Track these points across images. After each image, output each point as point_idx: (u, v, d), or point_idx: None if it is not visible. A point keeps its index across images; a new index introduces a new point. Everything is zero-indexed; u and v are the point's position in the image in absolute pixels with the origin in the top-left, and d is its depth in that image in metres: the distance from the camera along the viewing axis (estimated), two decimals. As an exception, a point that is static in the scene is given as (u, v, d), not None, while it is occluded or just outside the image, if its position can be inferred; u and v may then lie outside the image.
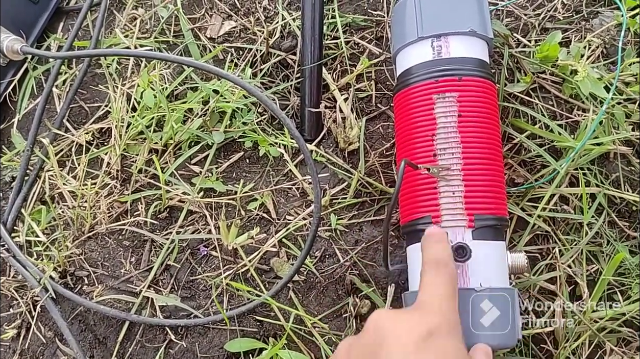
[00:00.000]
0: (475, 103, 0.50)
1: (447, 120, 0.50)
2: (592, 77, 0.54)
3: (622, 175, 0.60)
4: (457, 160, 0.49)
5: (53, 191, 0.67)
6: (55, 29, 0.75)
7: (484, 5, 0.54)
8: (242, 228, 0.62)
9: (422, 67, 0.52)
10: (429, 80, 0.51)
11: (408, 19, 0.54)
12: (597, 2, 0.66)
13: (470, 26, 0.51)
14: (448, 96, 0.50)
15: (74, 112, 0.70)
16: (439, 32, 0.52)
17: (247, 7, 0.70)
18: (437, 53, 0.52)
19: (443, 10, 0.53)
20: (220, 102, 0.64)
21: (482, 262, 0.47)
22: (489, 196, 0.49)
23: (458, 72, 0.50)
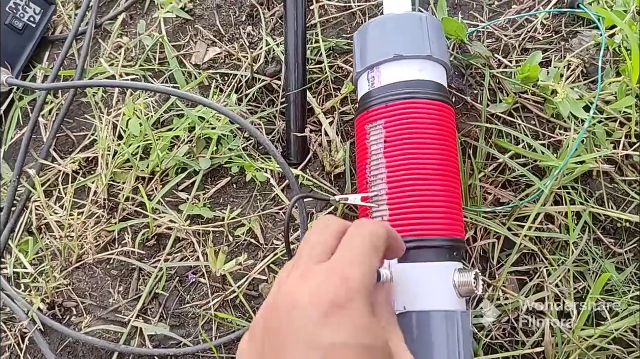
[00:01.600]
0: (401, 127, 0.50)
1: (377, 147, 0.50)
2: (571, 98, 0.55)
3: (605, 192, 0.61)
4: (384, 186, 0.49)
5: (40, 222, 0.67)
6: (41, 59, 0.75)
7: (417, 23, 0.53)
8: (230, 254, 0.62)
9: (363, 99, 0.54)
10: (363, 112, 0.52)
11: (355, 51, 0.56)
12: (575, 22, 0.67)
13: (395, 51, 0.51)
14: (378, 124, 0.51)
15: (60, 141, 0.70)
16: (371, 64, 0.53)
17: (231, 34, 0.71)
18: (372, 84, 0.53)
19: (377, 40, 0.54)
20: (206, 129, 0.64)
21: (408, 285, 0.46)
22: (415, 218, 0.48)
23: (385, 99, 0.51)
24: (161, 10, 0.72)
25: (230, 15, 0.72)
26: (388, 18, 0.55)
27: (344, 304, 0.33)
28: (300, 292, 0.34)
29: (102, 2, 0.77)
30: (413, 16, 0.54)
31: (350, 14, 0.70)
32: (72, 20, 0.77)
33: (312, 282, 0.34)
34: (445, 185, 0.50)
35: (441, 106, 0.51)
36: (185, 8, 0.72)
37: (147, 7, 0.75)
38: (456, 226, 0.50)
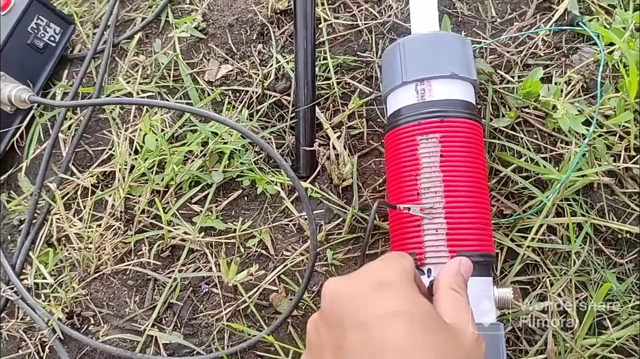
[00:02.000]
0: (457, 143, 0.52)
1: (430, 160, 0.52)
2: (570, 113, 0.56)
3: (606, 204, 0.62)
4: (439, 199, 0.51)
5: (60, 234, 0.69)
6: (61, 77, 0.78)
7: (467, 48, 0.57)
8: (242, 265, 0.64)
9: (408, 110, 0.55)
10: (413, 123, 0.54)
11: (395, 64, 0.57)
12: (576, 39, 0.69)
13: (451, 70, 0.54)
14: (431, 137, 0.53)
15: (79, 156, 0.73)
16: (422, 77, 0.55)
17: (243, 51, 0.74)
18: (421, 96, 0.54)
19: (426, 55, 0.56)
20: (218, 144, 0.66)
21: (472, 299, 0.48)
22: (471, 234, 0.50)
23: (440, 114, 0.53)
24: (176, 29, 0.75)
25: (242, 34, 0.75)
26: (440, 36, 0.58)
27: (387, 280, 0.36)
28: (345, 284, 0.37)
29: (119, 22, 0.80)
30: (462, 40, 0.57)
31: (357, 32, 0.73)
32: (90, 40, 0.80)
33: (354, 277, 0.38)
34: (487, 202, 0.53)
35: (479, 127, 0.55)
36: (198, 27, 0.75)
37: (162, 27, 0.78)
38: (492, 242, 0.53)
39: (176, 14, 0.78)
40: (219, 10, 0.76)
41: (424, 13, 0.61)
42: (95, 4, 0.83)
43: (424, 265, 0.50)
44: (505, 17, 0.71)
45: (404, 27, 0.71)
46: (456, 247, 0.50)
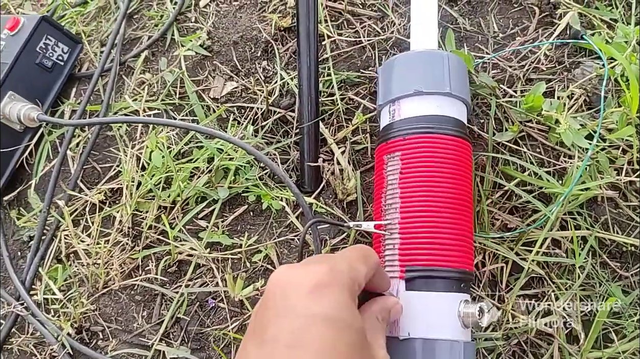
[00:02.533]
0: (416, 159, 0.53)
1: (393, 177, 0.53)
2: (573, 128, 0.57)
3: (610, 217, 0.63)
4: (397, 215, 0.52)
5: (68, 250, 0.70)
6: (69, 95, 0.80)
7: (438, 61, 0.56)
8: (248, 279, 0.65)
9: (383, 131, 0.58)
10: (382, 143, 0.56)
11: (379, 85, 0.60)
12: (578, 53, 0.69)
13: (415, 87, 0.55)
14: (395, 155, 0.54)
15: (87, 173, 0.74)
16: (393, 98, 0.56)
17: (247, 69, 0.75)
18: (392, 116, 0.56)
19: (398, 76, 0.57)
20: (224, 160, 0.67)
21: (415, 313, 0.48)
22: (425, 249, 0.50)
23: (403, 132, 0.54)
24: (182, 48, 0.76)
25: (246, 51, 0.76)
26: (412, 55, 0.59)
27: (328, 285, 0.38)
28: (292, 274, 0.39)
29: (126, 41, 0.81)
30: (435, 54, 0.58)
31: (361, 48, 0.73)
32: (97, 58, 0.81)
33: (302, 269, 0.39)
34: (457, 218, 0.52)
35: (457, 141, 0.54)
36: (204, 45, 0.76)
37: (168, 45, 0.79)
38: (465, 258, 0.52)
39: (182, 32, 0.80)
40: (224, 28, 0.78)
41: (423, 31, 0.62)
42: (103, 23, 0.84)
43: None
44: (507, 32, 0.72)
45: (407, 43, 0.72)
46: (406, 262, 0.50)
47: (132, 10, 0.84)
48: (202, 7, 0.81)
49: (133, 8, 0.84)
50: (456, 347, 0.48)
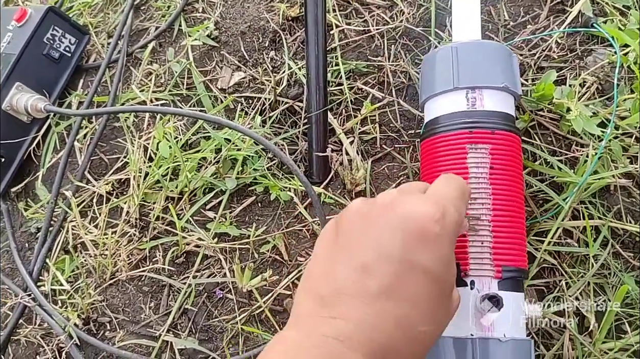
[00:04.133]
0: (505, 157, 0.52)
1: (478, 170, 0.51)
2: (584, 115, 0.56)
3: (623, 206, 0.62)
4: (486, 211, 0.50)
5: (76, 241, 0.70)
6: (76, 86, 0.79)
7: (515, 62, 0.56)
8: (256, 270, 0.64)
9: (456, 117, 0.54)
10: (463, 130, 0.52)
11: (443, 68, 0.56)
12: (590, 41, 0.68)
13: (504, 82, 0.53)
14: (480, 147, 0.51)
15: (94, 164, 0.74)
16: (474, 85, 0.53)
17: (255, 59, 0.74)
18: (472, 104, 0.53)
19: (479, 64, 0.54)
20: (231, 150, 0.67)
21: (506, 313, 0.48)
22: (515, 248, 0.50)
23: (491, 125, 0.52)
24: (189, 38, 0.76)
25: (254, 41, 0.75)
26: (493, 46, 0.57)
27: (438, 236, 0.37)
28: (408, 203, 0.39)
29: (133, 32, 0.81)
30: (511, 54, 0.57)
31: (369, 37, 0.73)
32: (104, 49, 0.81)
33: (415, 201, 0.39)
34: (524, 218, 0.53)
35: (520, 142, 0.55)
36: (211, 35, 0.76)
37: (175, 35, 0.79)
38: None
39: (189, 22, 0.79)
40: (231, 18, 0.77)
41: (467, 21, 0.60)
42: (110, 14, 0.84)
43: (468, 276, 0.49)
44: (518, 20, 0.71)
45: (416, 32, 0.71)
46: (501, 261, 0.49)
47: (139, 2, 0.83)
48: (210, -3, 0.80)
49: (140, -1, 0.84)
50: (530, 345, 0.49)
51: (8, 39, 0.74)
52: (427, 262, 0.37)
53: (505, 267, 0.49)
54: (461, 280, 0.49)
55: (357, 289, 0.36)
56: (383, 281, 0.36)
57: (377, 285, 0.36)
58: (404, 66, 0.70)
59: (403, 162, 0.66)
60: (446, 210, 0.39)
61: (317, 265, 0.41)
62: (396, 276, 0.36)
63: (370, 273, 0.36)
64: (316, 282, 0.39)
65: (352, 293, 0.36)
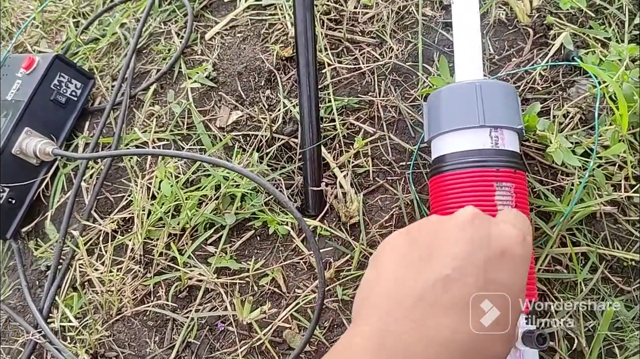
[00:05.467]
0: (523, 195, 0.55)
1: (504, 208, 0.53)
2: (564, 147, 0.58)
3: (610, 233, 0.63)
4: None
5: (83, 278, 0.73)
6: (82, 128, 0.83)
7: (519, 103, 0.59)
8: (255, 303, 0.67)
9: (482, 154, 0.55)
10: (491, 168, 0.54)
11: (466, 105, 0.57)
12: (572, 72, 0.70)
13: (519, 124, 0.56)
14: (505, 186, 0.53)
15: (100, 203, 0.77)
16: (498, 124, 0.55)
17: (252, 98, 0.77)
18: (495, 143, 0.55)
19: (501, 103, 0.56)
20: (230, 188, 0.70)
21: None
22: (534, 283, 0.53)
23: (512, 165, 0.54)
24: (188, 80, 0.79)
25: (250, 81, 0.79)
26: (509, 87, 0.59)
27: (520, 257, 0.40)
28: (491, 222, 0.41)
29: (135, 74, 0.85)
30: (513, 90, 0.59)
31: (360, 74, 0.76)
32: (109, 92, 0.85)
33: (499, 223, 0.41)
34: None
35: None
36: (209, 76, 0.79)
37: (175, 77, 0.82)
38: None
39: (189, 64, 0.83)
40: (229, 60, 0.81)
41: (470, 60, 0.62)
42: (114, 58, 0.88)
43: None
44: (503, 53, 0.74)
45: (405, 68, 0.74)
46: (529, 297, 0.52)
47: (141, 46, 0.87)
48: (208, 39, 0.84)
49: (142, 43, 0.87)
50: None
51: (17, 86, 0.78)
52: (507, 280, 0.39)
53: (532, 301, 0.52)
54: None
55: (436, 298, 0.37)
56: (463, 292, 0.37)
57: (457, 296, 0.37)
58: (394, 101, 0.73)
59: (395, 194, 0.69)
60: (526, 235, 0.41)
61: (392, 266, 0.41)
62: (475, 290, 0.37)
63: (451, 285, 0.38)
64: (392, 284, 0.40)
65: (431, 301, 0.37)
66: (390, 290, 0.40)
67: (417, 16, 0.77)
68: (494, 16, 0.75)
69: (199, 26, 0.86)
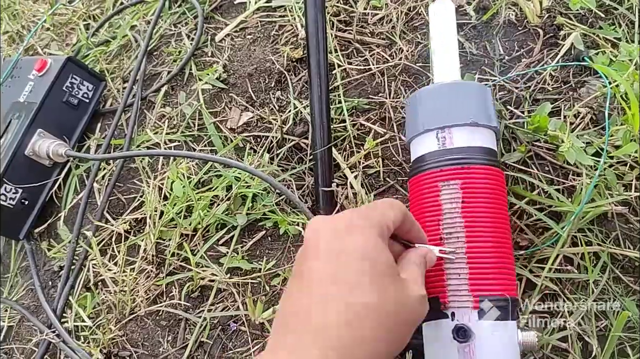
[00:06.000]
0: (478, 190, 0.54)
1: (451, 206, 0.54)
2: (576, 146, 0.58)
3: (621, 233, 0.63)
4: (461, 244, 0.52)
5: (97, 279, 0.73)
6: (94, 130, 0.84)
7: (487, 96, 0.59)
8: (267, 303, 0.67)
9: (430, 157, 0.57)
10: (435, 169, 0.56)
11: (417, 111, 0.59)
12: (583, 72, 0.71)
13: (471, 118, 0.56)
14: (452, 183, 0.54)
15: (112, 204, 0.78)
16: (442, 125, 0.56)
17: (262, 99, 0.78)
18: (442, 144, 0.56)
19: (446, 103, 0.58)
20: (241, 188, 0.70)
21: (489, 343, 0.50)
22: (494, 278, 0.52)
23: (461, 161, 0.55)
24: (199, 81, 0.80)
25: (260, 83, 0.79)
26: (459, 84, 0.60)
27: (359, 225, 0.42)
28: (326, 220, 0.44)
29: (146, 76, 0.86)
30: (481, 87, 0.60)
31: (370, 75, 0.76)
32: (120, 94, 0.85)
33: (334, 216, 0.45)
34: (509, 246, 0.55)
35: (500, 173, 0.57)
36: (220, 78, 0.80)
37: (186, 79, 0.83)
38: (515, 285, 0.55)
39: (199, 66, 0.83)
40: (239, 61, 0.81)
41: (445, 63, 0.63)
42: (125, 60, 0.89)
43: (448, 309, 0.51)
44: (513, 54, 0.74)
45: (415, 69, 0.75)
46: (478, 291, 0.51)
47: (152, 47, 0.88)
48: (218, 41, 0.85)
49: (153, 45, 0.88)
50: None
51: (30, 88, 0.79)
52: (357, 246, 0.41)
53: (484, 297, 0.51)
54: (442, 313, 0.51)
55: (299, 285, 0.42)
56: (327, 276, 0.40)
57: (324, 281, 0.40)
58: (404, 102, 0.73)
59: (406, 194, 0.69)
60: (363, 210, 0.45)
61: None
62: (336, 267, 0.40)
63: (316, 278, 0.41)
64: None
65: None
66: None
67: (427, 17, 0.77)
68: (504, 16, 0.76)
69: (209, 28, 0.87)
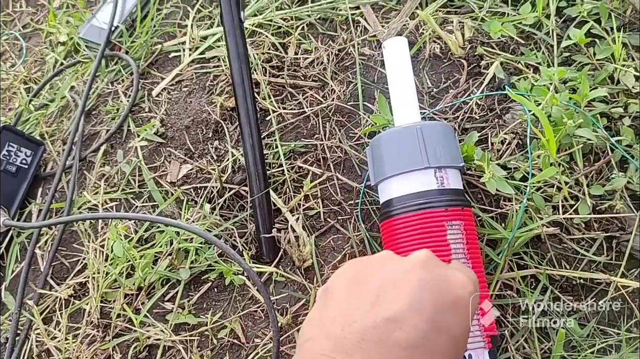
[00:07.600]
0: (472, 231, 0.56)
1: (457, 246, 0.54)
2: (497, 176, 0.59)
3: (556, 253, 0.64)
4: None
5: (41, 348, 0.72)
6: (35, 194, 0.83)
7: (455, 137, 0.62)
8: (215, 357, 0.66)
9: (429, 195, 0.56)
10: (439, 209, 0.55)
11: (409, 148, 0.58)
12: (507, 99, 0.72)
13: (461, 162, 0.59)
14: (455, 224, 0.55)
15: (56, 269, 0.77)
16: (441, 164, 0.57)
17: (201, 150, 0.78)
18: (441, 183, 0.56)
19: (442, 144, 0.58)
20: (182, 243, 0.70)
21: None
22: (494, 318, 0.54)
23: (459, 203, 0.56)
24: (137, 138, 0.80)
25: (198, 134, 0.80)
26: (447, 127, 0.62)
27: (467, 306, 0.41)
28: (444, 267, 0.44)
29: (85, 137, 0.86)
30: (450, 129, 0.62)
31: (305, 117, 0.77)
32: (60, 157, 0.85)
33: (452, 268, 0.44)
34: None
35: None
36: (158, 132, 0.80)
37: (125, 136, 0.83)
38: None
39: (137, 122, 0.84)
40: (176, 114, 0.82)
41: (406, 104, 0.64)
42: (64, 121, 0.89)
43: (466, 350, 0.52)
44: (441, 86, 0.76)
45: (347, 109, 0.76)
46: (489, 331, 0.53)
47: (90, 107, 0.89)
48: (155, 96, 0.85)
49: (91, 105, 0.89)
50: None
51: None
52: (455, 327, 0.40)
53: (493, 337, 0.53)
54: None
55: (381, 338, 0.38)
56: (411, 335, 0.38)
57: (405, 338, 0.37)
58: (339, 141, 0.74)
59: (346, 234, 0.70)
60: (475, 284, 0.43)
61: (336, 304, 0.42)
62: (424, 333, 0.38)
63: (400, 326, 0.38)
64: (334, 322, 0.40)
65: (375, 341, 0.38)
66: (337, 320, 0.40)
67: (356, 56, 0.79)
68: (429, 50, 0.78)
69: (146, 83, 0.88)
